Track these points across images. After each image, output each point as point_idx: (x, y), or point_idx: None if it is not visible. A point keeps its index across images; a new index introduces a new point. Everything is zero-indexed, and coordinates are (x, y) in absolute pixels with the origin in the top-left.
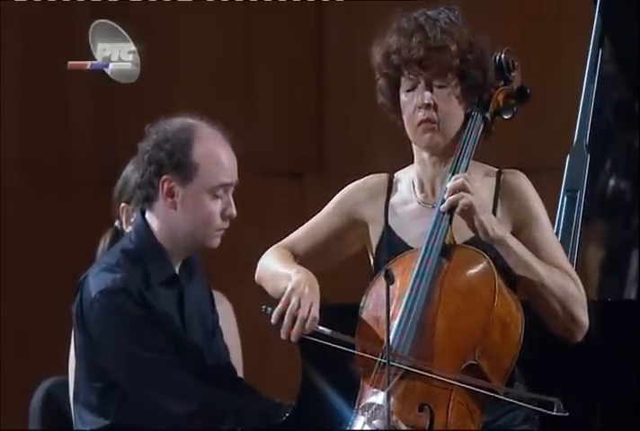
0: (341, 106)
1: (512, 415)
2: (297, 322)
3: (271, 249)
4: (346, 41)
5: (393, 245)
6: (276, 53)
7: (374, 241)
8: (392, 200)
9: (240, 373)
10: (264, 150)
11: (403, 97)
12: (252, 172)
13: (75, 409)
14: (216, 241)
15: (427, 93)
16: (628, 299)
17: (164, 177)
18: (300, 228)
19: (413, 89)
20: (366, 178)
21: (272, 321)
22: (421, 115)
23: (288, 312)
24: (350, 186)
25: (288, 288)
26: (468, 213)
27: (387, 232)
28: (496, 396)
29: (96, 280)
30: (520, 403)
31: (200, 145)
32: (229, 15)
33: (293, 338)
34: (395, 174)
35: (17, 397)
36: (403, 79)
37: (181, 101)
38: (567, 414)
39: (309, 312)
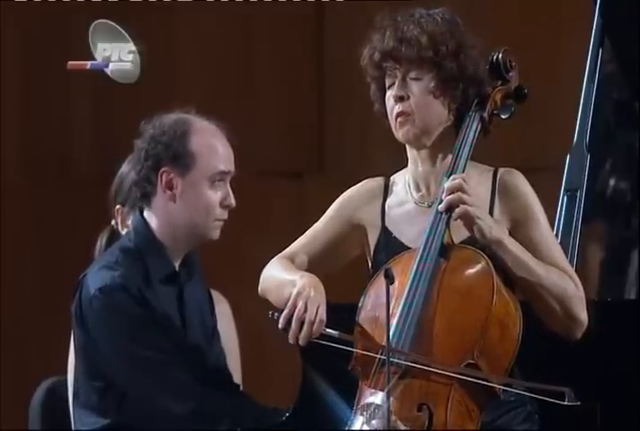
0: (341, 106)
1: (513, 414)
2: (305, 326)
3: (272, 260)
4: (346, 41)
5: (390, 246)
6: (276, 53)
7: (372, 243)
8: (388, 202)
9: (239, 373)
10: (264, 150)
11: (387, 95)
12: (252, 172)
13: (75, 408)
14: (215, 233)
15: (400, 87)
16: (628, 299)
17: (162, 169)
18: (301, 237)
19: (392, 85)
20: (362, 182)
21: (280, 325)
22: (396, 108)
23: (295, 317)
24: (347, 192)
25: (294, 292)
26: (465, 216)
27: (384, 233)
28: (504, 388)
29: (95, 278)
30: (530, 394)
31: (196, 136)
32: (229, 15)
33: (301, 342)
34: (392, 177)
35: (17, 397)
36: (386, 78)
37: (181, 101)
38: (579, 403)
39: (316, 315)
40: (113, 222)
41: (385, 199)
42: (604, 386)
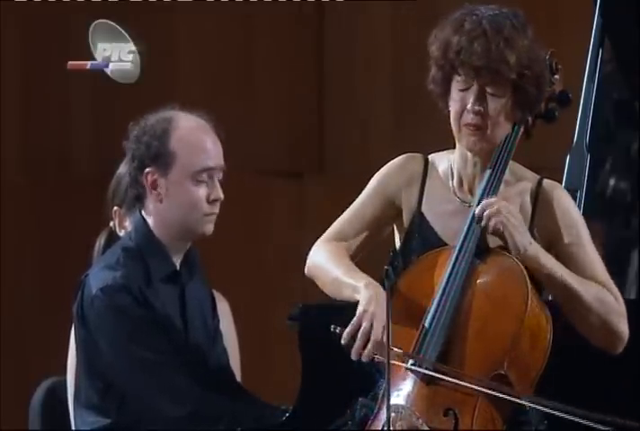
0: (341, 106)
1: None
2: (371, 344)
3: (321, 243)
4: (346, 41)
5: (423, 233)
6: (276, 52)
7: (405, 224)
8: (427, 186)
9: (238, 373)
10: (264, 150)
11: (454, 95)
12: (252, 172)
13: (75, 407)
14: (208, 228)
15: (479, 101)
16: (628, 299)
17: (146, 170)
18: (343, 217)
19: (465, 89)
20: (402, 160)
21: (343, 341)
22: (469, 118)
23: (360, 334)
24: (387, 168)
25: (360, 309)
26: (499, 233)
27: (419, 218)
28: (573, 419)
29: (97, 278)
30: (600, 427)
31: (176, 133)
32: (229, 15)
33: (364, 359)
34: (431, 157)
35: (17, 397)
36: (456, 76)
37: (181, 101)
38: None
39: (382, 334)
40: (112, 223)
41: (424, 182)
42: (604, 386)
